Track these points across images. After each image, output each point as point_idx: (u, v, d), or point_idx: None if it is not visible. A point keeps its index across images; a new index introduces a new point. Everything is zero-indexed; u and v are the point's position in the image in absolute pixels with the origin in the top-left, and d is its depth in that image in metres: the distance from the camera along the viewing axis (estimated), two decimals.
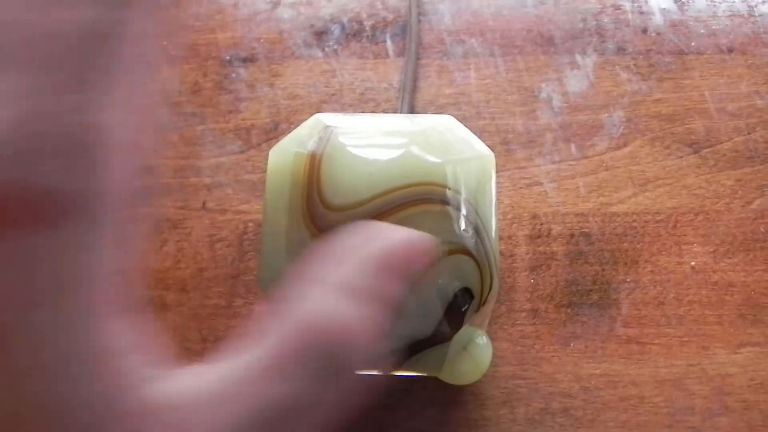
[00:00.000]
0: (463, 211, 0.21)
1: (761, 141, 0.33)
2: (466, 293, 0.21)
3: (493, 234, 0.22)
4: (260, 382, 0.13)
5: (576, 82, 0.34)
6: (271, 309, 0.14)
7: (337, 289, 0.14)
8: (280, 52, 0.35)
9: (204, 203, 0.32)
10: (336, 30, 0.35)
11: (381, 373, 0.18)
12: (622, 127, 0.33)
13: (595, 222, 0.31)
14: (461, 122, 0.24)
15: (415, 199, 0.21)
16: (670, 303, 0.30)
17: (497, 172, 0.26)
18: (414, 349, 0.21)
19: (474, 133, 0.24)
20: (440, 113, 0.31)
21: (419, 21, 0.35)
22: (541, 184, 0.32)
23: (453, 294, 0.21)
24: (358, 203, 0.21)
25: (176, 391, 0.13)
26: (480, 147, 0.23)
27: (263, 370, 0.13)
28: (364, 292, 0.15)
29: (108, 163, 0.12)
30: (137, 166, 0.13)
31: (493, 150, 0.24)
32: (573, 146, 0.33)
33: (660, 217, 0.31)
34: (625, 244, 0.31)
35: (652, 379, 0.29)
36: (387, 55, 0.35)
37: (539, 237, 0.31)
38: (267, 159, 0.23)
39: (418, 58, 0.34)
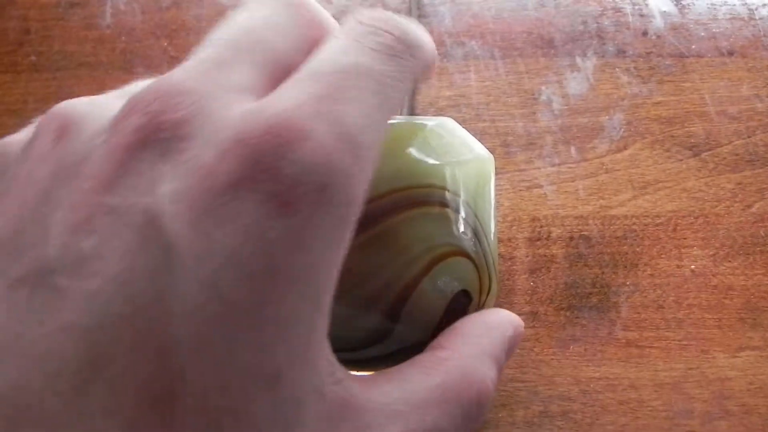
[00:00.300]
0: (462, 214, 0.21)
1: (761, 144, 0.33)
2: (465, 296, 0.21)
3: (492, 236, 0.22)
4: (427, 410, 0.16)
5: (576, 85, 0.34)
6: (438, 351, 0.18)
7: (487, 356, 0.18)
8: None
9: None
10: None
11: None
12: (622, 129, 0.33)
13: (595, 225, 0.31)
14: (461, 124, 0.24)
15: (414, 202, 0.21)
16: (670, 306, 0.30)
17: (497, 174, 0.26)
18: (410, 353, 0.21)
19: (474, 135, 0.24)
20: (440, 115, 0.31)
21: (419, 23, 0.35)
22: (540, 186, 0.32)
23: (451, 297, 0.21)
24: None
25: (362, 394, 0.15)
26: (479, 149, 0.23)
27: (430, 401, 0.16)
28: (500, 364, 0.18)
29: (364, 172, 0.14)
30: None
31: (492, 152, 0.24)
32: (573, 149, 0.33)
33: (660, 221, 0.31)
34: (625, 247, 0.31)
35: (651, 383, 0.29)
36: None
37: (539, 240, 0.31)
38: None
39: None
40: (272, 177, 0.12)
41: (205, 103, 0.14)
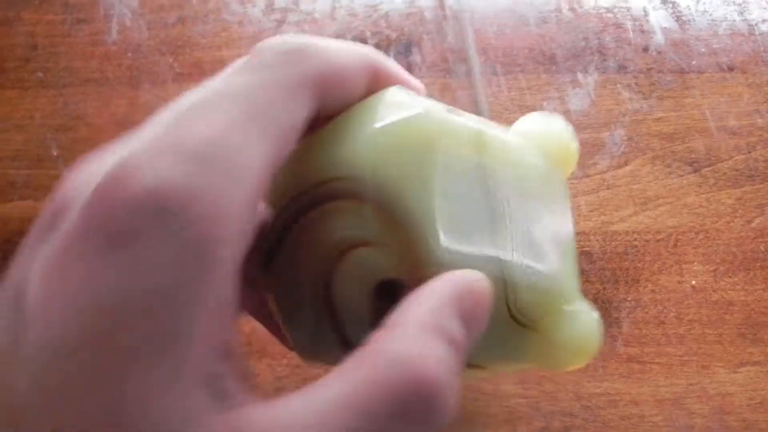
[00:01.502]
0: (371, 197, 0.20)
1: (761, 160, 0.33)
2: (392, 284, 0.20)
3: (429, 203, 0.20)
4: (345, 417, 0.13)
5: (578, 101, 0.34)
6: (359, 348, 0.14)
7: (428, 330, 0.14)
8: None
9: None
10: None
11: None
12: (623, 145, 0.33)
13: (596, 241, 0.31)
14: None
15: (319, 199, 0.20)
16: (671, 322, 0.30)
17: None
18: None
19: None
20: None
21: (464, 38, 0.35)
22: None
23: (373, 286, 0.20)
24: None
25: (262, 419, 0.13)
26: (415, 109, 0.21)
27: (349, 406, 0.13)
28: (451, 336, 0.14)
29: (221, 187, 0.13)
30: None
31: None
32: None
33: (661, 236, 0.31)
34: (626, 262, 0.31)
35: (652, 398, 0.29)
36: None
37: None
38: None
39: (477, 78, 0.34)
40: (106, 217, 0.12)
41: (80, 178, 0.14)
